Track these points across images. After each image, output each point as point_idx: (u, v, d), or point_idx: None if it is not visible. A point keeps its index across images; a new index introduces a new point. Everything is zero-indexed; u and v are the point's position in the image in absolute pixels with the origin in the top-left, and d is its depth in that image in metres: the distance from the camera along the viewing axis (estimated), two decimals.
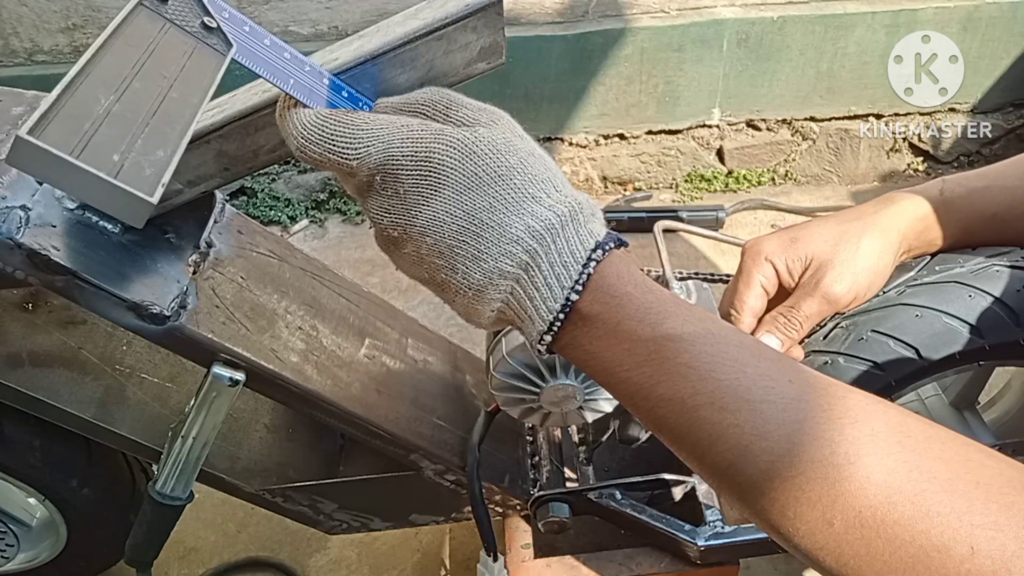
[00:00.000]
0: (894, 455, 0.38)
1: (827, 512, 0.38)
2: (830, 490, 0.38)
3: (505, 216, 0.43)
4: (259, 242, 0.85)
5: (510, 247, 0.43)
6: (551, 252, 0.43)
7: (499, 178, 0.43)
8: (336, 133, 0.44)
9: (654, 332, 0.42)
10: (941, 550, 0.35)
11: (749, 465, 0.40)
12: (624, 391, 0.44)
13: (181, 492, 0.82)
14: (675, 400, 0.41)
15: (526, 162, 0.44)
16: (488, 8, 0.51)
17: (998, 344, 0.84)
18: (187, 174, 0.63)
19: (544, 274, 0.43)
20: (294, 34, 1.92)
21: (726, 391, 0.40)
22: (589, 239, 0.43)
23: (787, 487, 0.39)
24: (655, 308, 0.43)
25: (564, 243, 0.43)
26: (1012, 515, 0.35)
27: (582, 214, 0.44)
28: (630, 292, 0.43)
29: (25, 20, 1.83)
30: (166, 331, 0.68)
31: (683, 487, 1.05)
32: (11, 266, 0.62)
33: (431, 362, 1.01)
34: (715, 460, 0.41)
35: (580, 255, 0.43)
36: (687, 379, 0.41)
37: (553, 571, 1.03)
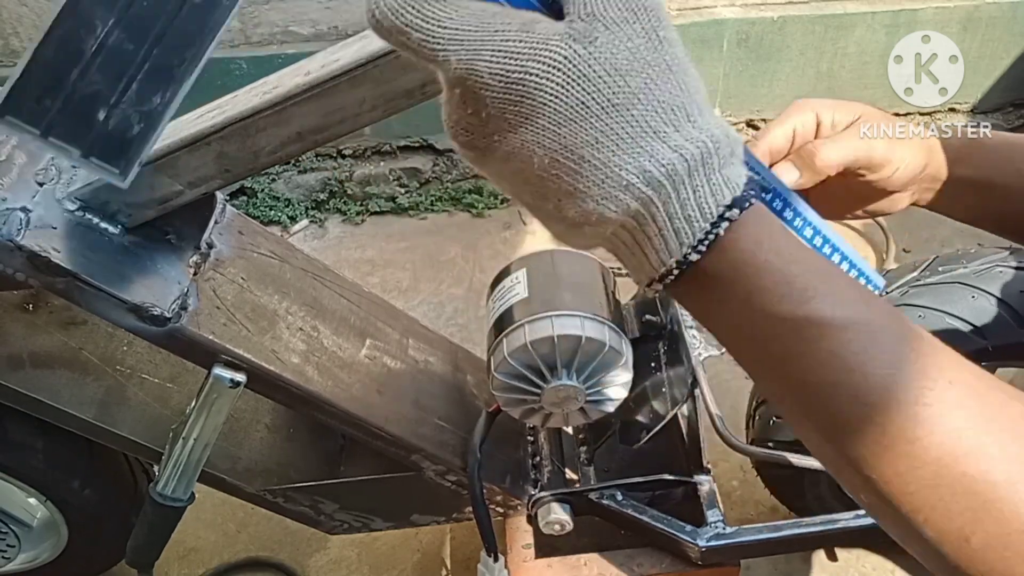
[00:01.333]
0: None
1: (967, 528, 0.35)
2: (976, 507, 0.35)
3: (614, 155, 0.34)
4: (260, 243, 0.84)
5: (617, 192, 0.35)
6: (671, 203, 0.35)
7: (613, 108, 0.34)
8: (415, 22, 0.35)
9: (795, 310, 0.36)
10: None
11: (884, 465, 0.36)
12: (745, 359, 0.39)
13: (182, 493, 0.82)
14: (809, 383, 0.36)
15: (654, 83, 0.34)
16: None
17: (1001, 345, 0.84)
18: (187, 175, 0.63)
19: (660, 226, 0.35)
20: (294, 34, 1.92)
21: (875, 388, 0.35)
22: (724, 192, 0.35)
23: (926, 494, 0.35)
24: (799, 283, 0.36)
25: (690, 193, 0.35)
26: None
27: (718, 156, 0.35)
28: (770, 261, 0.36)
29: (25, 20, 1.83)
30: (167, 333, 0.68)
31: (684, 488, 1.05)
32: (11, 268, 0.62)
33: (432, 362, 1.01)
34: (843, 447, 0.37)
35: (709, 211, 0.35)
36: (828, 367, 0.36)
37: (554, 571, 1.03)
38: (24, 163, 0.65)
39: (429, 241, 2.06)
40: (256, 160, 0.61)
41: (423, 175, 2.14)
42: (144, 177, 0.63)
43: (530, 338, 0.81)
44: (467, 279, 1.95)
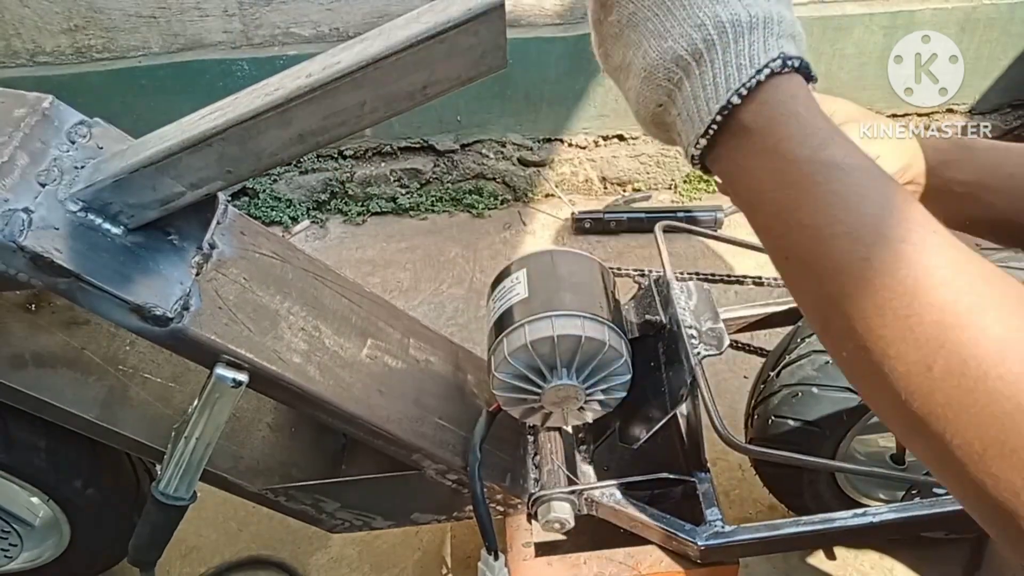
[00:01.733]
0: (1017, 317, 0.37)
1: (929, 356, 0.38)
2: (940, 335, 0.38)
3: (696, 2, 0.43)
4: (261, 243, 0.85)
5: (691, 31, 0.42)
6: (729, 49, 0.42)
7: None
8: None
9: (813, 155, 0.41)
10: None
11: (866, 298, 0.40)
12: (763, 213, 0.44)
13: (184, 492, 0.82)
14: (812, 227, 0.41)
15: None
16: (490, 12, 0.52)
17: None
18: (189, 176, 0.64)
19: (715, 70, 0.42)
20: (296, 36, 1.92)
21: (868, 225, 0.40)
22: (774, 49, 0.42)
23: (898, 325, 0.39)
24: (821, 134, 0.41)
25: (746, 44, 0.42)
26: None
27: (779, 26, 0.43)
28: (799, 112, 0.42)
29: (27, 21, 1.84)
30: (169, 333, 0.68)
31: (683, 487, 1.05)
32: (14, 268, 0.63)
33: (433, 362, 1.01)
34: (833, 289, 0.41)
35: (757, 60, 0.42)
36: (832, 207, 0.40)
37: (554, 569, 1.03)
38: (26, 164, 0.65)
39: (429, 241, 2.06)
40: (258, 162, 0.62)
41: (424, 176, 2.15)
42: (146, 178, 0.64)
43: (530, 338, 0.81)
44: (467, 279, 1.95)
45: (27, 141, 0.67)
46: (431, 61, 0.53)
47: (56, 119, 0.70)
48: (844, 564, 1.30)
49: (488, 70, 0.55)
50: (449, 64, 0.54)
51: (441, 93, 0.56)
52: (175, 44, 1.91)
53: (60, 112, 0.71)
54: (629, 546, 1.04)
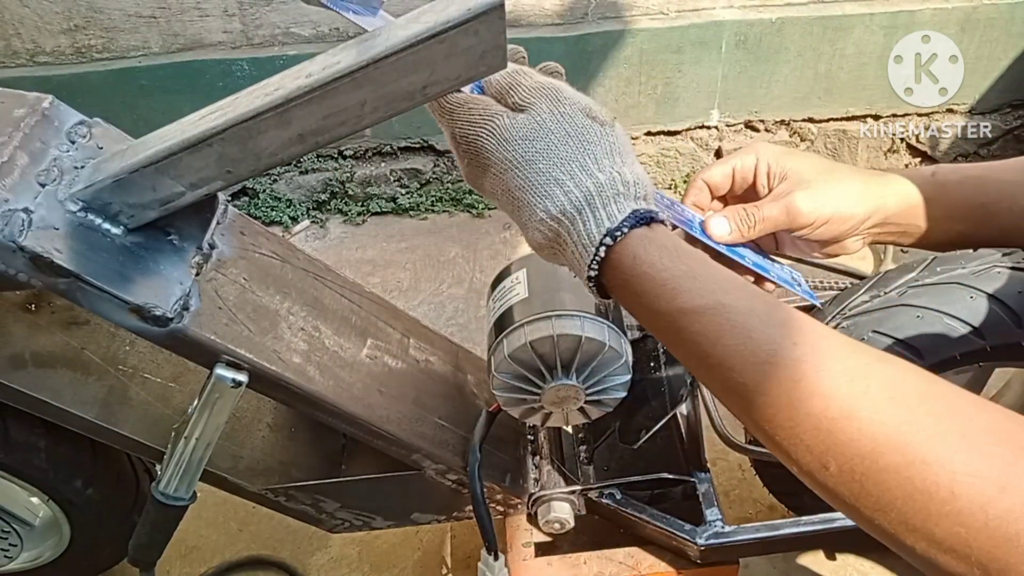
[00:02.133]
0: (885, 411, 0.42)
1: (823, 458, 0.43)
2: (826, 439, 0.43)
3: (533, 197, 0.50)
4: (261, 243, 0.85)
5: (539, 224, 0.50)
6: (572, 233, 0.49)
7: (526, 163, 0.50)
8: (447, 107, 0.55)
9: (669, 307, 0.47)
10: (924, 493, 0.40)
11: (755, 413, 0.46)
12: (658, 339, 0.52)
13: (184, 493, 0.82)
14: (693, 358, 0.48)
15: (554, 146, 0.50)
16: (490, 12, 0.51)
17: (999, 345, 0.84)
18: (189, 177, 0.63)
19: (571, 250, 0.50)
20: (295, 36, 1.92)
21: (732, 356, 0.46)
22: (604, 223, 0.48)
23: (787, 434, 0.45)
24: (669, 285, 0.47)
25: (581, 226, 0.48)
26: (992, 463, 0.39)
27: (599, 198, 0.48)
28: (646, 272, 0.48)
29: (27, 21, 1.84)
30: (169, 333, 0.68)
31: (683, 487, 1.05)
32: (13, 269, 0.62)
33: (433, 362, 1.01)
34: (730, 404, 0.48)
35: (594, 239, 0.48)
36: (700, 345, 0.47)
37: (554, 569, 1.03)
38: (26, 164, 0.65)
39: (429, 241, 2.06)
40: (258, 162, 0.62)
41: (424, 176, 2.15)
42: (146, 178, 0.64)
43: (530, 338, 0.81)
44: (467, 279, 1.95)
45: (27, 141, 0.66)
46: (431, 61, 0.53)
47: (56, 119, 0.70)
48: (844, 564, 1.30)
49: (488, 70, 0.55)
50: (449, 64, 0.54)
51: (441, 93, 0.56)
52: (175, 44, 1.91)
53: (60, 112, 0.71)
54: (629, 546, 1.05)
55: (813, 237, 0.69)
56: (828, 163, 0.69)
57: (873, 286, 0.92)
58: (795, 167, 0.68)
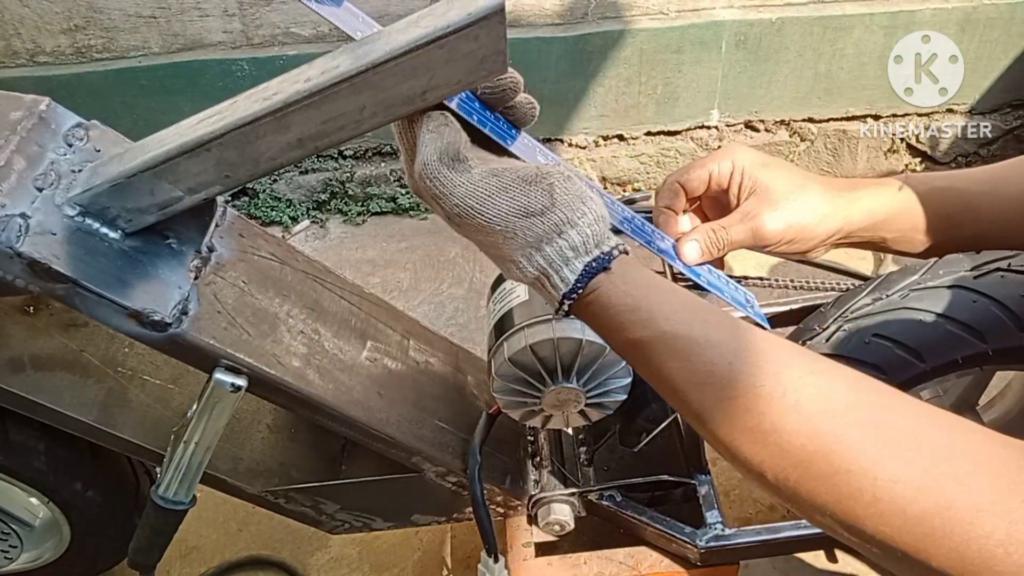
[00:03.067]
0: (813, 423, 0.46)
1: (761, 468, 0.48)
2: (761, 451, 0.48)
3: (516, 254, 0.55)
4: (260, 245, 0.85)
5: (518, 272, 0.56)
6: (549, 280, 0.55)
7: (484, 242, 0.56)
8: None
9: (619, 340, 0.54)
10: (850, 498, 0.44)
11: (704, 432, 0.52)
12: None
13: (184, 496, 0.82)
14: (652, 382, 0.54)
15: (530, 222, 0.54)
16: (490, 17, 0.51)
17: (1000, 348, 0.84)
18: (187, 181, 0.63)
19: (548, 289, 0.55)
20: (296, 36, 1.92)
21: (676, 378, 0.51)
22: (561, 288, 0.54)
23: (730, 452, 0.50)
24: (616, 321, 0.53)
25: (554, 274, 0.54)
26: (911, 468, 0.43)
27: (551, 268, 0.54)
28: (597, 313, 0.54)
29: (27, 21, 1.83)
30: (168, 338, 0.68)
31: (683, 488, 1.05)
32: (11, 274, 0.62)
33: (433, 363, 1.01)
34: (690, 423, 0.55)
35: (555, 299, 0.55)
36: (647, 368, 0.54)
37: (554, 569, 1.03)
38: (23, 168, 0.65)
39: (430, 241, 2.06)
40: (256, 166, 0.61)
41: None
42: (144, 182, 0.63)
43: (531, 341, 0.81)
44: (467, 279, 1.95)
45: (23, 145, 0.66)
46: (431, 66, 0.53)
47: (53, 122, 0.70)
48: (844, 564, 1.30)
49: (488, 74, 0.55)
50: (449, 69, 0.54)
51: (441, 97, 0.56)
52: (175, 44, 1.90)
53: (57, 114, 0.71)
54: (629, 546, 1.04)
55: (775, 252, 0.72)
56: (798, 178, 0.70)
57: (874, 289, 0.92)
58: (765, 183, 0.69)
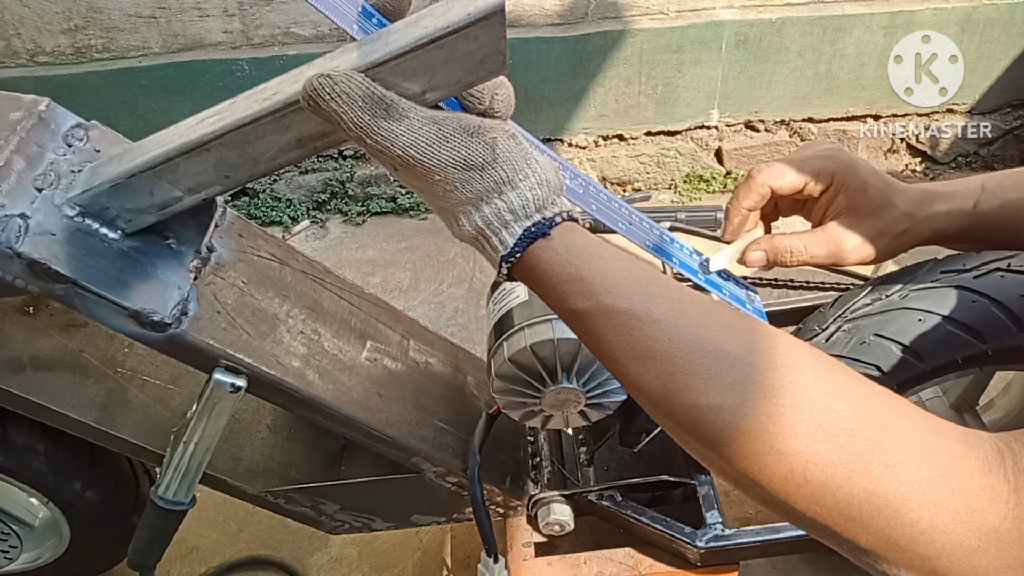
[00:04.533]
0: (746, 404, 0.46)
1: (695, 446, 0.49)
2: (696, 429, 0.47)
3: (458, 208, 0.53)
4: (260, 246, 0.85)
5: (460, 227, 0.54)
6: (491, 239, 0.53)
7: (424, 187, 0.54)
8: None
9: (560, 308, 0.53)
10: (782, 479, 0.44)
11: (643, 404, 0.52)
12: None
13: (183, 497, 0.82)
14: (593, 352, 0.53)
15: (478, 174, 0.52)
16: (490, 17, 0.51)
17: (1000, 349, 0.84)
18: (187, 181, 0.63)
19: (488, 247, 0.54)
20: (296, 36, 1.92)
21: (616, 352, 0.50)
22: (499, 250, 0.53)
23: (668, 426, 0.50)
24: (557, 290, 0.52)
25: (484, 248, 0.54)
26: (843, 453, 0.43)
27: (489, 230, 0.53)
28: (539, 279, 0.53)
29: (27, 21, 1.83)
30: (167, 338, 0.68)
31: (683, 489, 1.05)
32: (11, 275, 0.62)
33: (432, 363, 1.01)
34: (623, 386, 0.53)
35: (494, 260, 0.54)
36: (588, 339, 0.53)
37: (554, 569, 1.03)
38: (23, 169, 0.65)
39: (429, 241, 2.06)
40: (256, 166, 0.61)
41: None
42: (143, 183, 0.63)
43: (530, 341, 0.81)
44: (467, 279, 1.95)
45: (23, 145, 0.66)
46: (430, 66, 0.53)
47: (52, 122, 0.70)
48: (844, 564, 1.29)
49: (488, 75, 0.55)
50: (448, 69, 0.53)
51: (440, 98, 0.56)
52: (175, 44, 1.90)
53: (56, 115, 0.71)
54: (629, 546, 1.04)
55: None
56: (881, 191, 0.68)
57: (874, 288, 0.91)
58: (859, 204, 0.68)
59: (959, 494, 0.41)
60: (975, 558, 0.40)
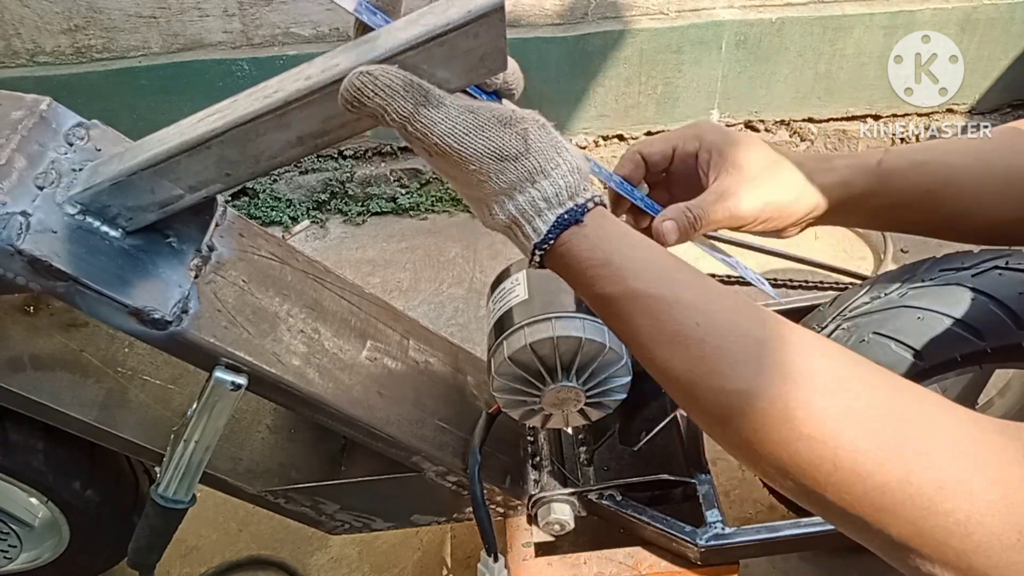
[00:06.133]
0: (773, 387, 0.45)
1: (722, 430, 0.48)
2: (725, 413, 0.47)
3: (490, 197, 0.54)
4: (260, 245, 0.85)
5: (492, 215, 0.54)
6: (524, 226, 0.54)
7: (456, 176, 0.54)
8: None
9: (589, 293, 0.54)
10: (811, 465, 0.43)
11: (668, 389, 0.52)
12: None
13: (183, 496, 0.82)
14: (621, 337, 0.54)
15: (510, 163, 0.53)
16: (490, 14, 0.51)
17: (999, 347, 0.84)
18: (188, 179, 0.63)
19: (521, 235, 0.54)
20: (296, 36, 1.92)
21: (643, 335, 0.51)
22: (532, 238, 0.53)
23: (693, 412, 0.51)
24: (587, 275, 0.53)
25: (516, 236, 0.54)
26: (875, 440, 0.42)
27: (523, 219, 0.53)
28: (569, 265, 0.53)
29: (27, 21, 1.83)
30: (168, 336, 0.68)
31: (683, 488, 1.05)
32: (12, 272, 0.62)
33: (432, 363, 1.01)
34: (648, 371, 0.53)
35: (526, 248, 0.54)
36: (616, 323, 0.53)
37: (554, 569, 1.03)
38: (24, 167, 0.65)
39: (430, 241, 2.06)
40: (257, 164, 0.61)
41: (424, 176, 2.14)
42: (144, 181, 0.63)
43: (530, 340, 0.81)
44: (467, 279, 1.95)
45: (24, 144, 0.66)
46: (431, 64, 0.53)
47: (53, 121, 0.70)
48: (845, 564, 1.30)
49: (488, 73, 0.55)
50: (449, 67, 0.54)
51: None
52: (175, 44, 1.90)
53: (58, 114, 0.71)
54: (629, 546, 1.04)
55: (752, 231, 0.70)
56: (771, 155, 0.68)
57: (873, 287, 0.92)
58: (738, 160, 0.67)
59: (997, 485, 0.39)
60: (1014, 553, 0.38)
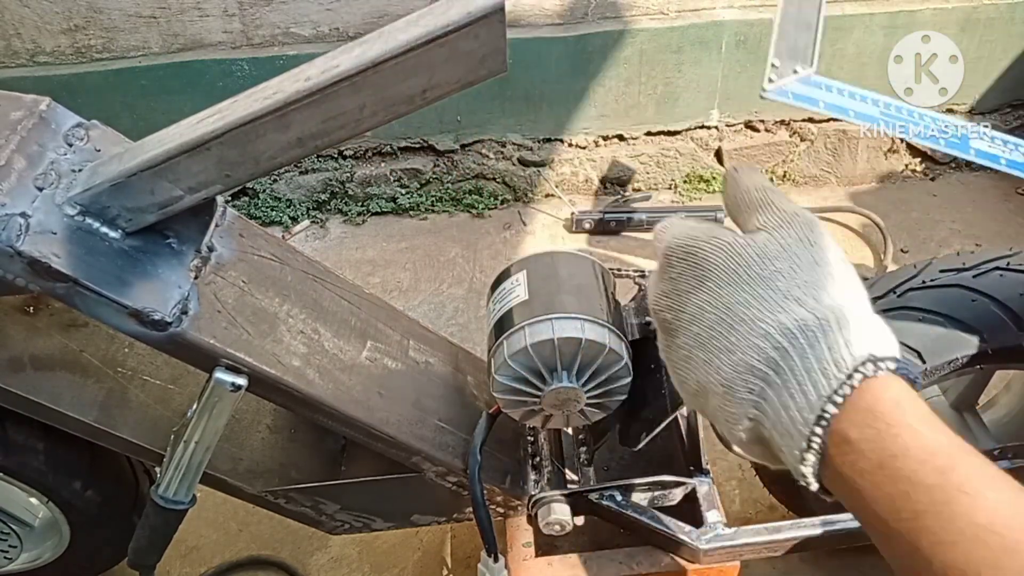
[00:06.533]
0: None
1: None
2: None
3: (759, 312, 0.42)
4: (260, 245, 0.85)
5: (759, 341, 0.41)
6: (806, 355, 0.39)
7: (761, 279, 0.43)
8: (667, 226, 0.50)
9: (944, 480, 0.34)
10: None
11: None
12: (892, 546, 0.36)
13: (183, 496, 0.82)
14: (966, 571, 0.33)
15: (799, 268, 0.43)
16: (490, 16, 0.51)
17: (1000, 348, 0.84)
18: (188, 180, 0.63)
19: (798, 378, 0.39)
20: (296, 36, 1.92)
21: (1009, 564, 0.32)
22: (861, 349, 0.38)
23: None
24: (944, 451, 0.35)
25: (825, 349, 0.39)
26: None
27: (852, 323, 0.40)
28: (911, 424, 0.36)
29: (27, 21, 1.83)
30: (168, 337, 0.68)
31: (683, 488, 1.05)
32: (12, 274, 0.62)
33: (432, 363, 1.01)
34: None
35: (844, 365, 0.38)
36: (988, 546, 0.33)
37: (554, 569, 1.03)
38: (23, 168, 0.65)
39: (430, 241, 2.06)
40: (256, 165, 0.61)
41: (424, 176, 2.14)
42: (144, 181, 0.63)
43: (530, 341, 0.81)
44: (467, 279, 1.95)
45: (24, 144, 0.66)
46: (431, 65, 0.53)
47: (53, 121, 0.70)
48: (845, 564, 1.30)
49: (488, 73, 0.55)
50: (449, 68, 0.54)
51: (441, 96, 0.56)
52: (175, 44, 1.90)
53: (57, 114, 0.71)
54: (629, 546, 1.04)
55: None
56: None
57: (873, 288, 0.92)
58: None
59: None
60: None
